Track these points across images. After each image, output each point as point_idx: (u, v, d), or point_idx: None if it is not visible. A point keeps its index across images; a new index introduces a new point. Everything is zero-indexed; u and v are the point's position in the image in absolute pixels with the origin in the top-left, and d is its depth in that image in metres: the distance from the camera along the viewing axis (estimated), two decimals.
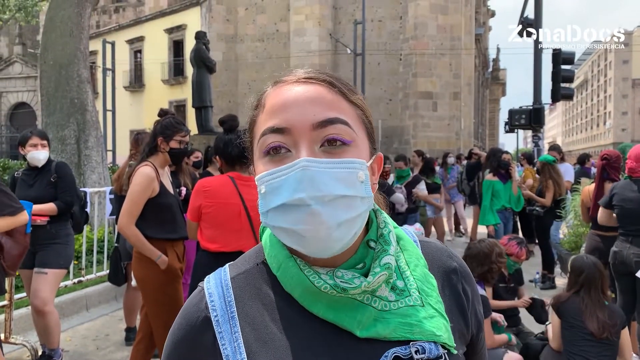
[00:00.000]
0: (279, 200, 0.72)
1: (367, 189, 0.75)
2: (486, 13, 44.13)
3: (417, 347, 0.74)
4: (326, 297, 0.75)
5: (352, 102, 0.79)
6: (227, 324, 0.77)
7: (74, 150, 7.97)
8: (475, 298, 0.90)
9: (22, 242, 3.53)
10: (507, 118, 12.75)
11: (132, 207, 3.31)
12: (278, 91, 0.78)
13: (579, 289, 3.43)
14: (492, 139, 49.75)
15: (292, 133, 0.74)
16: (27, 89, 34.28)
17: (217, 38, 26.92)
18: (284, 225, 0.73)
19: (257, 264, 0.85)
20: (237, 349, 0.75)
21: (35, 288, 3.99)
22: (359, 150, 0.76)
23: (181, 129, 3.47)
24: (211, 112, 12.39)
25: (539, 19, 11.67)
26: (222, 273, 0.84)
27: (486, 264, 3.72)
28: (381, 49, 25.60)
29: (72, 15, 8.21)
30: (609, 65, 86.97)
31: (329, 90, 0.77)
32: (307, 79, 0.78)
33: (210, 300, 0.79)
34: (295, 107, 0.75)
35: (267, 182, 0.74)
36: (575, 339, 3.34)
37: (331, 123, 0.74)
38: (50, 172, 4.11)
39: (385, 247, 0.80)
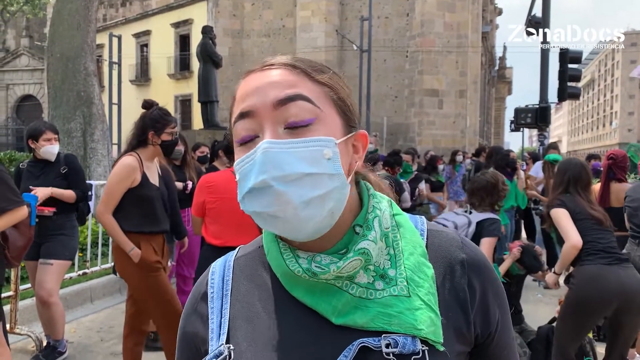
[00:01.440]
0: (248, 185, 0.73)
1: (335, 166, 0.73)
2: (493, 11, 43.94)
3: (389, 340, 0.72)
4: (305, 281, 0.76)
5: (317, 81, 0.78)
6: (220, 300, 0.83)
7: (80, 143, 8.00)
8: (490, 293, 0.83)
9: (27, 233, 3.55)
10: (513, 116, 12.72)
11: (109, 196, 3.30)
12: (244, 81, 0.80)
13: (566, 187, 3.46)
14: (497, 137, 49.62)
15: (256, 116, 0.75)
16: (34, 82, 34.40)
17: (223, 33, 26.90)
18: (256, 209, 0.74)
19: (259, 246, 0.88)
20: (222, 324, 0.80)
21: (40, 279, 4.01)
22: (325, 127, 0.75)
23: (170, 120, 3.43)
24: (217, 107, 12.42)
25: (547, 17, 11.61)
26: (230, 254, 0.90)
27: (495, 193, 3.80)
28: (387, 46, 25.53)
29: (79, 8, 8.23)
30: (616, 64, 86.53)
31: (290, 72, 0.77)
32: (270, 65, 0.79)
33: (211, 278, 0.86)
34: (257, 91, 0.76)
35: (239, 170, 0.76)
36: (585, 229, 3.32)
37: (291, 100, 0.74)
38: (59, 163, 4.13)
39: (366, 232, 0.78)
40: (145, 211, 3.37)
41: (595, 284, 3.19)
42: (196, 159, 6.10)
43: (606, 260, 3.20)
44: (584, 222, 3.32)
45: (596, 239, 3.27)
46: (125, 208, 3.32)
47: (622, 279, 3.15)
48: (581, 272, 3.29)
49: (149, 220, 3.39)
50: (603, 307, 3.21)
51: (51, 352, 4.12)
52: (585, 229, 3.31)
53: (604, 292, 3.16)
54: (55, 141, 4.10)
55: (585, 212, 3.34)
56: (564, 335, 3.40)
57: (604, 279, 3.17)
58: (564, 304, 3.43)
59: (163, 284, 3.40)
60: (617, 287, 3.14)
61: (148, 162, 3.42)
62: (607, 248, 3.24)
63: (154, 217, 3.42)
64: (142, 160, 3.36)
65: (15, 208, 3.07)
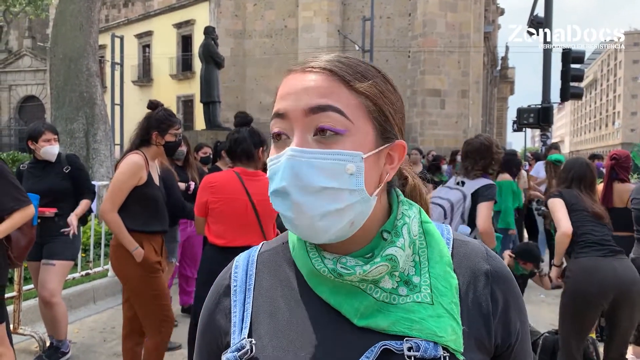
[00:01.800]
0: (272, 186, 0.75)
1: (358, 181, 0.73)
2: (495, 11, 43.91)
3: (412, 344, 0.72)
4: (330, 281, 0.77)
5: (355, 90, 0.76)
6: (243, 294, 0.83)
7: (82, 144, 8.02)
8: (512, 305, 0.83)
9: (29, 233, 3.56)
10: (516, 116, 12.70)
11: (116, 194, 3.26)
12: (285, 80, 0.80)
13: (569, 184, 3.50)
14: (499, 137, 49.55)
15: (288, 118, 0.76)
16: (36, 82, 34.48)
17: (225, 33, 26.92)
18: (280, 210, 0.76)
19: (283, 242, 0.89)
20: (245, 318, 0.81)
21: (42, 279, 4.02)
22: (354, 140, 0.74)
23: (175, 121, 3.43)
24: (219, 107, 12.43)
25: (549, 17, 11.59)
26: (253, 249, 0.91)
27: (488, 155, 3.75)
28: (389, 46, 25.53)
29: (82, 9, 8.25)
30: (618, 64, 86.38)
31: (328, 78, 0.76)
32: (311, 68, 0.77)
33: (234, 272, 0.87)
34: (293, 94, 0.76)
35: (269, 167, 0.77)
36: (581, 221, 3.35)
37: (322, 110, 0.73)
38: (61, 163, 4.14)
39: (394, 238, 0.78)
40: (149, 210, 3.37)
41: (590, 276, 3.19)
42: (199, 159, 6.10)
43: (601, 253, 3.21)
44: (580, 213, 3.34)
45: (591, 230, 3.28)
46: (130, 206, 3.29)
47: (617, 270, 3.16)
48: (576, 265, 3.29)
49: (152, 220, 3.39)
50: (599, 299, 3.20)
51: (54, 352, 4.13)
52: (580, 220, 3.33)
53: (599, 284, 3.16)
54: (55, 142, 4.10)
55: (582, 205, 3.37)
56: (567, 332, 3.40)
57: (599, 271, 3.18)
58: (562, 298, 3.42)
59: (161, 287, 3.41)
60: (612, 279, 3.15)
61: (151, 162, 3.42)
62: (601, 240, 3.25)
63: (157, 217, 3.43)
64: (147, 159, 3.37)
65: (23, 207, 3.09)
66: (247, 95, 28.02)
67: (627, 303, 3.20)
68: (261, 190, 3.31)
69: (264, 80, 27.77)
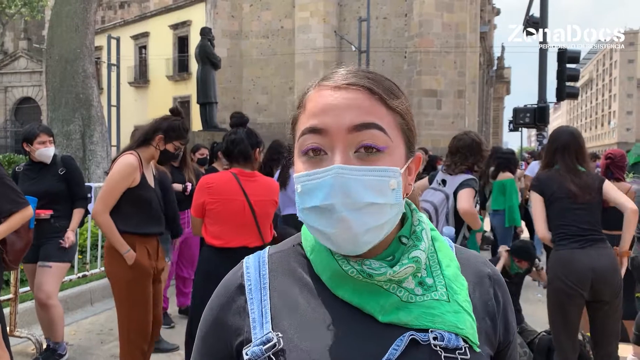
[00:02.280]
0: (312, 202, 0.76)
1: (397, 196, 0.78)
2: (491, 11, 44.00)
3: (437, 335, 0.76)
4: (352, 281, 0.79)
5: (391, 108, 0.80)
6: (259, 292, 0.84)
7: (79, 145, 8.01)
8: (508, 307, 0.91)
9: (26, 236, 3.53)
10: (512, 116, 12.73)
11: (108, 195, 3.22)
12: (318, 94, 0.80)
13: (552, 157, 3.38)
14: (496, 137, 49.64)
15: (328, 135, 0.77)
16: (32, 84, 34.40)
17: (221, 34, 26.90)
18: (316, 226, 0.78)
19: (293, 245, 0.91)
20: (264, 314, 0.81)
21: (39, 281, 4.01)
22: (393, 157, 0.78)
23: (184, 137, 3.42)
24: (216, 108, 12.42)
25: (545, 17, 11.63)
26: (262, 252, 0.91)
27: (478, 152, 3.80)
28: (386, 47, 25.56)
29: (78, 10, 8.24)
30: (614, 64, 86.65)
31: (367, 96, 0.78)
32: (347, 85, 0.79)
33: (247, 272, 0.87)
34: (333, 111, 0.77)
35: (303, 183, 0.78)
36: (561, 211, 3.27)
37: (366, 128, 0.76)
38: (57, 165, 4.11)
39: (416, 242, 0.83)
40: (142, 212, 3.33)
41: (566, 268, 3.19)
42: (196, 161, 6.10)
43: (579, 244, 3.19)
44: (560, 202, 3.25)
45: (571, 222, 3.22)
46: (123, 208, 3.25)
47: (593, 260, 3.15)
48: (556, 257, 3.29)
49: (145, 222, 3.35)
50: (577, 289, 3.19)
51: (51, 354, 4.12)
52: (560, 211, 3.26)
53: (576, 275, 3.17)
54: (50, 144, 4.07)
55: (564, 190, 3.24)
56: (555, 328, 3.39)
57: (575, 262, 3.18)
58: (547, 292, 3.41)
59: (147, 294, 3.33)
60: (589, 269, 3.14)
61: (145, 163, 3.39)
62: (581, 231, 3.20)
63: (151, 219, 3.39)
64: (142, 160, 3.33)
65: (21, 209, 3.07)
66: (244, 95, 28.01)
67: (605, 292, 3.19)
68: (258, 191, 3.31)
69: (261, 80, 27.76)
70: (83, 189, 4.28)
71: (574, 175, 3.26)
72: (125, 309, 3.30)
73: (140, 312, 3.29)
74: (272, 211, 3.43)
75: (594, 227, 3.24)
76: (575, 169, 3.28)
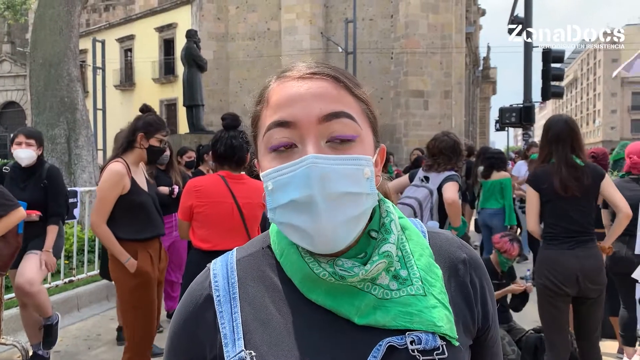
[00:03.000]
0: (288, 197, 0.73)
1: (372, 185, 0.76)
2: (477, 12, 44.28)
3: (413, 338, 0.74)
4: (325, 284, 0.76)
5: (357, 96, 0.79)
6: (228, 304, 0.79)
7: (64, 150, 7.93)
8: (487, 290, 0.88)
9: (14, 242, 3.49)
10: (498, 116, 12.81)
11: (101, 206, 3.24)
12: (282, 87, 0.78)
13: (549, 149, 3.30)
14: (482, 137, 49.94)
15: (298, 127, 0.74)
16: (17, 88, 34.03)
17: (207, 36, 26.80)
18: (293, 222, 0.74)
19: (262, 247, 0.86)
20: (235, 329, 0.77)
21: (21, 268, 3.83)
22: (364, 145, 0.77)
23: (164, 127, 3.41)
24: (202, 111, 12.36)
25: (529, 17, 11.72)
26: (229, 256, 0.87)
27: (459, 152, 3.92)
28: (372, 48, 25.62)
29: (61, 13, 8.16)
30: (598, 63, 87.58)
31: (334, 85, 0.77)
32: (312, 74, 0.77)
33: (214, 280, 0.82)
34: (300, 102, 0.75)
35: (274, 179, 0.75)
36: (553, 210, 3.25)
37: (336, 117, 0.74)
38: (42, 176, 4.02)
39: (385, 235, 0.79)
40: (139, 217, 3.33)
41: (556, 268, 3.22)
42: (183, 164, 6.07)
43: (568, 245, 3.21)
44: (554, 200, 3.24)
45: (563, 221, 3.23)
46: (119, 216, 3.27)
47: (581, 261, 3.18)
48: (544, 256, 3.31)
49: (143, 227, 3.35)
50: (565, 287, 3.22)
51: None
52: (553, 209, 3.26)
53: (563, 275, 3.20)
54: (28, 146, 3.95)
55: (556, 185, 3.19)
56: (546, 324, 3.41)
57: (564, 263, 3.21)
58: (536, 290, 3.44)
59: (151, 300, 3.35)
60: (577, 271, 3.18)
61: (134, 167, 3.37)
62: (572, 232, 3.21)
63: (148, 223, 3.38)
64: (129, 165, 3.32)
65: (11, 212, 3.02)
66: (230, 98, 27.92)
67: (592, 291, 3.23)
68: (246, 194, 3.29)
69: (248, 83, 27.68)
70: (60, 206, 4.11)
71: (570, 168, 3.19)
72: (130, 314, 3.31)
73: (145, 317, 3.30)
74: (259, 214, 3.42)
75: (585, 227, 3.23)
76: (571, 161, 3.20)
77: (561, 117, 3.39)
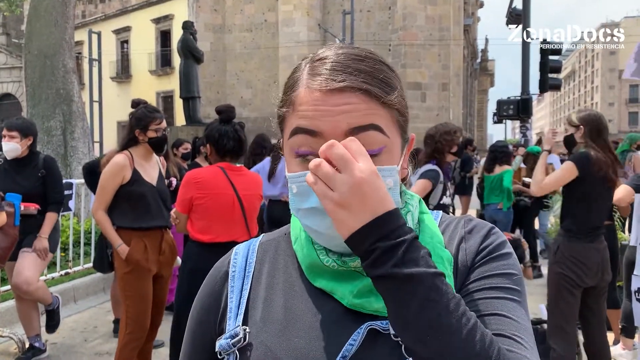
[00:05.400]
0: (309, 204, 0.74)
1: (395, 195, 0.75)
2: (475, 4, 44.17)
3: None
4: (329, 273, 0.79)
5: (388, 105, 0.76)
6: (241, 280, 0.86)
7: (60, 142, 7.89)
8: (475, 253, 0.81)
9: (12, 234, 3.49)
10: (496, 109, 12.81)
11: (101, 193, 3.44)
12: (309, 97, 0.75)
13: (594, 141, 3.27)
14: (480, 129, 49.98)
15: (323, 137, 0.73)
16: (12, 80, 33.83)
17: (204, 28, 26.70)
18: (313, 227, 0.75)
19: (285, 233, 0.91)
20: (241, 304, 0.83)
21: (19, 266, 3.87)
22: (391, 154, 0.76)
23: (155, 117, 3.46)
24: (199, 102, 12.33)
25: (527, 10, 11.69)
26: (255, 239, 0.93)
27: (432, 144, 3.96)
28: (370, 40, 25.55)
29: (56, 5, 8.10)
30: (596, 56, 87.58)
31: (364, 99, 0.74)
32: (341, 89, 0.74)
33: (234, 259, 0.89)
34: (327, 117, 0.73)
35: (298, 183, 0.75)
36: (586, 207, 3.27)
37: (363, 130, 0.73)
38: (38, 166, 4.03)
39: None
40: (137, 207, 3.42)
41: (584, 261, 3.27)
42: (180, 155, 6.05)
43: (589, 239, 3.30)
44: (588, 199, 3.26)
45: (593, 216, 3.29)
46: (119, 205, 3.42)
47: (601, 254, 3.30)
48: (569, 249, 3.32)
49: (141, 217, 3.43)
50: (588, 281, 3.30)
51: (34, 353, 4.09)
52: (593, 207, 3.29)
53: (588, 270, 3.27)
54: (10, 138, 3.94)
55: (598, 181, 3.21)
56: (562, 315, 3.41)
57: (590, 258, 3.27)
58: (552, 279, 3.43)
59: (142, 288, 3.41)
60: (599, 265, 3.28)
61: (142, 160, 3.47)
62: (596, 228, 3.31)
63: (147, 213, 3.45)
64: (135, 158, 3.43)
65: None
66: (227, 90, 27.86)
67: (605, 281, 3.36)
68: (246, 185, 3.30)
69: (245, 74, 27.63)
70: (59, 193, 4.15)
71: (613, 159, 3.24)
72: (123, 299, 3.45)
73: (136, 304, 3.40)
74: (258, 205, 3.46)
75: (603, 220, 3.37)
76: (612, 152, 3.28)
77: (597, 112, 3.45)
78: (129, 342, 3.36)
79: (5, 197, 3.74)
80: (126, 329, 3.36)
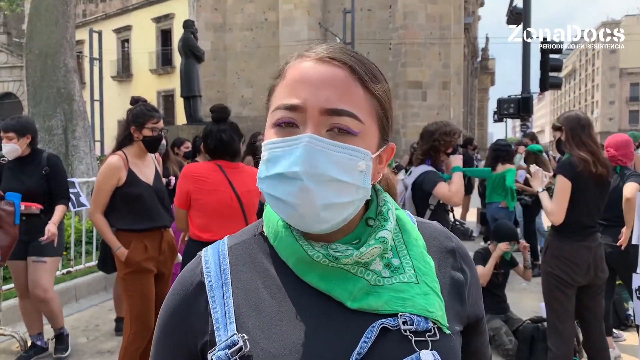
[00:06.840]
0: (277, 169, 0.75)
1: (365, 179, 0.77)
2: (475, 2, 44.12)
3: (405, 319, 0.75)
4: (319, 267, 0.77)
5: (370, 91, 0.79)
6: (220, 289, 0.80)
7: (61, 141, 7.90)
8: (475, 279, 0.90)
9: (12, 233, 3.49)
10: (496, 107, 12.80)
11: (97, 195, 3.39)
12: (299, 65, 0.79)
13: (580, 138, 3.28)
14: (481, 128, 49.96)
15: (302, 111, 0.75)
16: (13, 79, 33.82)
17: (205, 27, 26.69)
18: (277, 195, 0.75)
19: (254, 235, 0.88)
20: (227, 313, 0.77)
21: (35, 278, 3.97)
22: (364, 142, 0.77)
23: (153, 115, 3.42)
24: (200, 101, 12.32)
25: (528, 9, 11.68)
26: (220, 243, 0.87)
27: (429, 141, 3.86)
28: (371, 39, 25.54)
29: (57, 4, 8.11)
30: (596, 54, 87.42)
31: (347, 75, 0.77)
32: (330, 59, 0.77)
33: (206, 267, 0.83)
34: (310, 86, 0.76)
35: (270, 150, 0.77)
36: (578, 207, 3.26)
37: (338, 114, 0.75)
38: (42, 164, 4.04)
39: (383, 222, 0.82)
40: (134, 208, 3.37)
41: (574, 260, 3.27)
42: (182, 154, 6.05)
43: (579, 237, 3.29)
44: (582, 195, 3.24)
45: (583, 217, 3.27)
46: (117, 207, 3.37)
47: (593, 253, 3.29)
48: (558, 248, 3.33)
49: (139, 218, 3.39)
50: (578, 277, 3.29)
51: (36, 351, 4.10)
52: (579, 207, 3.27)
53: (578, 269, 3.27)
54: (8, 140, 3.96)
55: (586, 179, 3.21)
56: (555, 313, 3.42)
57: (580, 252, 3.27)
58: (543, 278, 3.45)
59: (143, 288, 3.39)
60: (589, 261, 3.27)
61: (136, 159, 3.41)
62: (587, 227, 3.30)
63: (145, 214, 3.41)
64: (130, 158, 3.37)
65: None
66: (228, 89, 27.85)
67: (600, 279, 3.36)
68: (244, 182, 3.27)
69: (245, 73, 27.62)
70: (65, 189, 4.18)
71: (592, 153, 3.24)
72: (126, 299, 3.44)
73: (138, 304, 3.38)
74: (257, 201, 3.43)
75: (596, 219, 3.36)
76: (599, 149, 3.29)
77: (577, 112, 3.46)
78: (133, 341, 3.35)
79: (5, 197, 3.75)
80: (130, 328, 3.36)
